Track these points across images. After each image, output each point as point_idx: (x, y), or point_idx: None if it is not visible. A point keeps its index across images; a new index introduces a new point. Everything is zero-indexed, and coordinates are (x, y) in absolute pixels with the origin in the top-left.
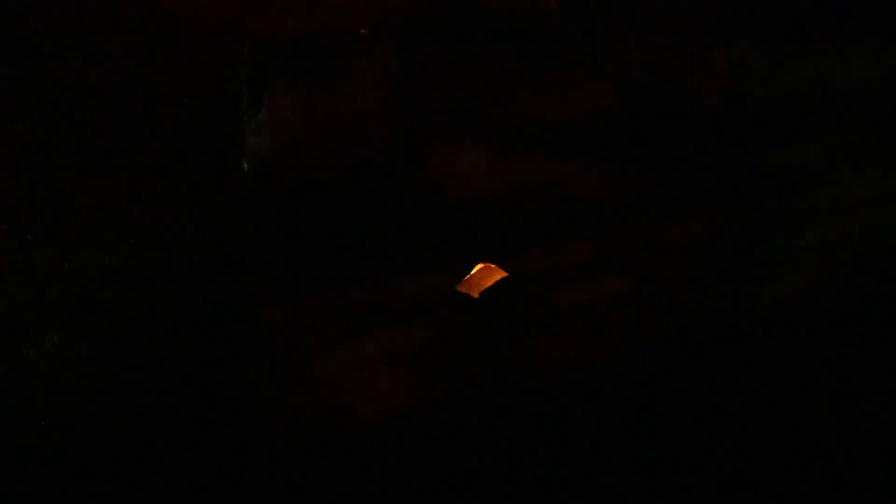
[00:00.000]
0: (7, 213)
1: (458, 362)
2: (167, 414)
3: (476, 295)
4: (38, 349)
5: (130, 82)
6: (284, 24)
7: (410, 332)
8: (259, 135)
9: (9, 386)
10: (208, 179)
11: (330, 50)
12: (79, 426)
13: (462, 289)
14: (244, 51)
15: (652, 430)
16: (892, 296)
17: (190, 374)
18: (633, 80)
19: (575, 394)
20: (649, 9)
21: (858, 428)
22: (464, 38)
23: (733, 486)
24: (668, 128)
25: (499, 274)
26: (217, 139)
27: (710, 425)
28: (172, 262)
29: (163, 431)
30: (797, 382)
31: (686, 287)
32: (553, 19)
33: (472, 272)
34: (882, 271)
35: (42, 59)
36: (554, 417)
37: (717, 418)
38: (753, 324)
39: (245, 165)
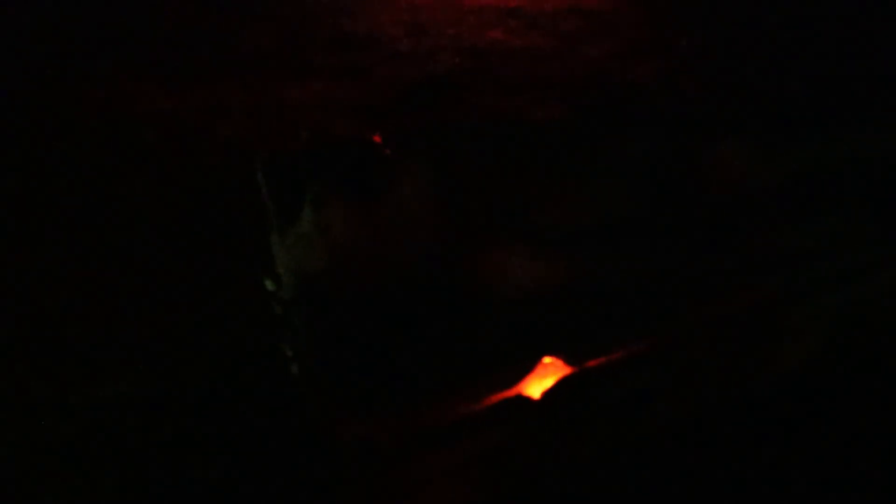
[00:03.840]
0: None
1: (527, 460)
2: None
3: (537, 395)
4: (53, 498)
5: (134, 195)
6: (298, 134)
7: (479, 437)
8: (308, 250)
9: None
10: (224, 295)
11: (368, 162)
12: None
13: (524, 389)
14: (259, 160)
15: None
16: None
17: None
18: (648, 175)
19: (627, 479)
20: (655, 106)
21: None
22: (489, 148)
23: None
24: (682, 217)
25: (559, 370)
26: (234, 252)
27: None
28: (187, 387)
29: None
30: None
31: (715, 364)
32: (560, 122)
33: (534, 371)
34: (881, 334)
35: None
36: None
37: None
38: (771, 391)
39: (268, 282)
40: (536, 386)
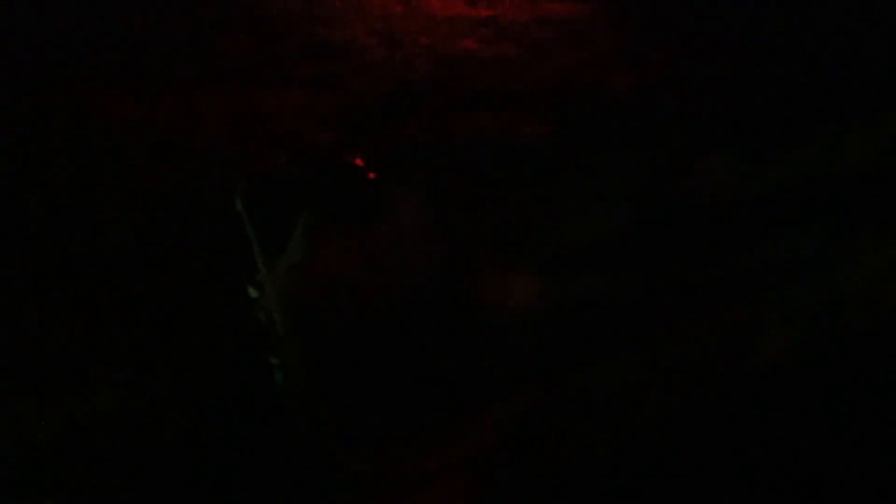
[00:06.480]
0: None
1: (520, 462)
2: None
3: (530, 401)
4: None
5: (107, 204)
6: (275, 158)
7: (473, 441)
8: (304, 281)
9: None
10: (207, 306)
11: (355, 189)
12: None
13: (522, 412)
14: (239, 188)
15: None
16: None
17: None
18: (639, 192)
19: (618, 476)
20: (635, 119)
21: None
22: (478, 168)
23: None
24: (675, 230)
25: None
26: (215, 262)
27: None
28: (170, 401)
29: None
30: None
31: (700, 362)
32: (546, 139)
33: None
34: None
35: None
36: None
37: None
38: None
39: (251, 291)
40: (529, 393)
